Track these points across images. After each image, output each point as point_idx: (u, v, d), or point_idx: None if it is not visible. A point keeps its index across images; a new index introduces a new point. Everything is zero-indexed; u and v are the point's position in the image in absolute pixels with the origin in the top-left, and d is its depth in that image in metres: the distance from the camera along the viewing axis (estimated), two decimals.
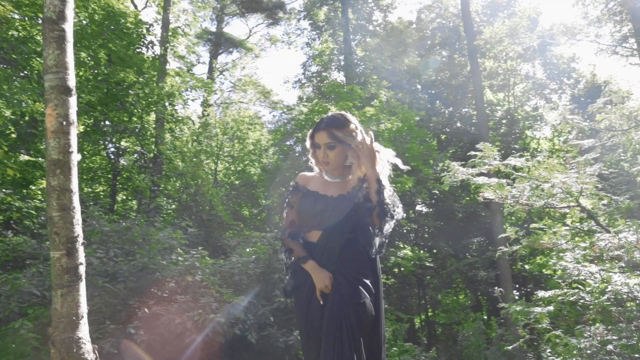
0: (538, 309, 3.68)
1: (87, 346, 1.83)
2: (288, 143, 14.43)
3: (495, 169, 3.84)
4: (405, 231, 15.21)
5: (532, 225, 5.27)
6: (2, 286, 5.95)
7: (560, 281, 3.79)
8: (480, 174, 3.90)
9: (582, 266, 3.37)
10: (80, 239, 1.83)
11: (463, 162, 5.05)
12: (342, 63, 16.68)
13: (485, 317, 14.58)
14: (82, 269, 1.85)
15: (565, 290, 3.55)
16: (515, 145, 16.49)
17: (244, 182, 15.19)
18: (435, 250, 14.75)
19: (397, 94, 15.46)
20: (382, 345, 2.38)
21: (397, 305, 13.66)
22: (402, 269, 13.09)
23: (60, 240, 1.78)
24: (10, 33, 9.31)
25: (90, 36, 11.01)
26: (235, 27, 75.22)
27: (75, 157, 1.84)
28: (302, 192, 2.48)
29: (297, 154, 14.33)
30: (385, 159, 2.44)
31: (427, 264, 11.58)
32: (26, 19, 10.13)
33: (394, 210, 2.39)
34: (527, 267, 13.02)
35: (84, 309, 1.87)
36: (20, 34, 9.93)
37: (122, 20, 11.82)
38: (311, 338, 2.29)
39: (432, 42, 20.07)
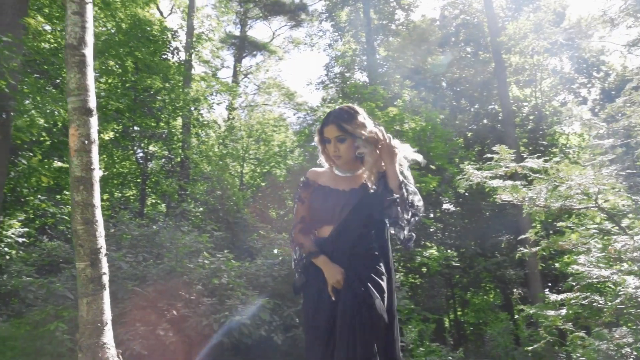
0: (551, 312, 3.66)
1: (112, 351, 1.94)
2: (313, 144, 14.46)
3: (512, 171, 3.82)
4: (431, 230, 15.12)
5: (560, 224, 5.20)
6: (39, 290, 6.21)
7: (574, 284, 3.75)
8: (497, 176, 3.88)
9: (597, 269, 3.33)
10: (104, 251, 1.94)
11: (486, 161, 4.99)
12: (365, 63, 16.69)
13: (517, 316, 14.37)
14: (105, 279, 1.97)
15: (578, 294, 3.51)
16: (543, 142, 16.21)
17: (269, 183, 15.33)
18: (462, 249, 14.63)
19: (421, 92, 15.37)
20: (395, 343, 2.32)
21: (424, 305, 13.61)
22: (429, 268, 13.03)
23: (85, 251, 1.90)
24: (42, 45, 9.64)
25: (117, 45, 11.30)
26: (259, 30, 75.82)
27: (97, 174, 1.95)
28: (312, 187, 2.43)
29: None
30: (403, 154, 2.38)
31: (454, 263, 11.48)
32: (57, 30, 10.49)
33: (417, 205, 2.33)
34: (557, 265, 12.80)
35: (108, 315, 1.99)
36: (52, 46, 10.28)
37: (148, 28, 12.10)
38: (317, 336, 2.24)
39: (457, 38, 19.89)
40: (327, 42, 19.56)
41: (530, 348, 4.22)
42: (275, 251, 7.99)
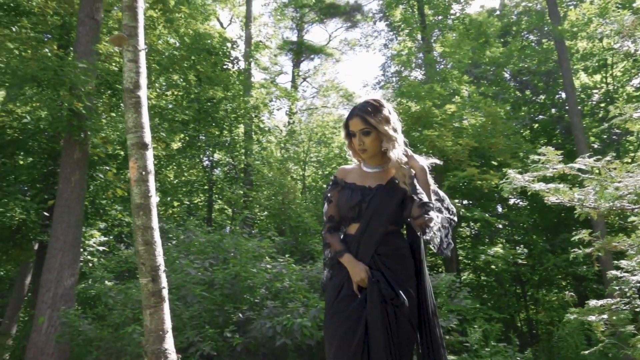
0: (592, 317, 3.57)
1: (172, 356, 2.18)
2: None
3: (560, 172, 3.75)
4: (498, 227, 14.72)
5: (631, 219, 5.00)
6: (118, 295, 6.74)
7: (617, 288, 3.63)
8: (544, 179, 3.82)
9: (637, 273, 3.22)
10: (162, 267, 2.18)
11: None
12: (421, 62, 16.53)
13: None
14: (165, 292, 2.21)
15: (618, 299, 3.39)
16: (617, 130, 15.34)
17: None
18: (531, 246, 14.16)
19: (480, 87, 15.03)
20: (439, 347, 2.23)
21: (493, 304, 13.30)
22: (495, 267, 12.74)
23: (146, 269, 2.15)
24: (112, 68, 10.34)
25: (180, 60, 11.90)
26: (315, 34, 76.90)
27: (154, 200, 2.20)
28: (340, 185, 2.38)
29: None
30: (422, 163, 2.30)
31: (520, 261, 11.16)
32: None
33: (451, 209, 2.30)
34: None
35: (168, 325, 2.23)
36: (122, 66, 11.02)
37: (209, 41, 12.64)
38: (335, 333, 2.14)
39: (518, 27, 19.25)
40: (382, 42, 19.57)
41: (587, 352, 4.11)
42: None
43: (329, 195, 2.41)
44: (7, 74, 7.83)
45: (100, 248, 9.03)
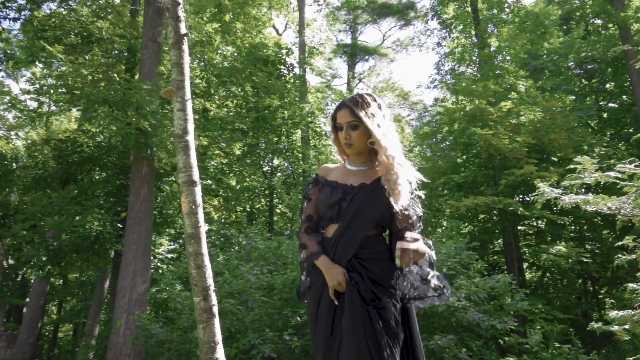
0: (615, 327, 3.52)
1: None
2: (434, 140, 14.65)
3: (596, 180, 3.72)
4: (562, 223, 14.22)
5: None
6: (185, 300, 7.23)
7: None
8: (582, 187, 3.81)
9: None
10: (212, 287, 2.49)
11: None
12: (475, 58, 16.26)
13: None
14: (215, 309, 2.52)
15: (639, 311, 3.34)
16: None
17: None
18: (600, 244, 13.58)
19: (540, 80, 14.58)
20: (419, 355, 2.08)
21: (560, 305, 12.90)
22: (560, 265, 12.35)
23: (198, 289, 2.47)
24: None
25: (237, 72, 12.40)
26: (369, 35, 76.43)
27: (204, 229, 2.52)
28: (321, 183, 2.21)
29: (438, 154, 14.46)
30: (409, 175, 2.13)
31: (585, 259, 10.77)
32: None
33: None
34: None
35: (219, 337, 2.54)
36: None
37: (264, 51, 13.08)
38: (322, 341, 2.01)
39: (582, 12, 18.48)
40: (435, 40, 19.38)
41: (632, 358, 4.05)
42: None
43: (309, 193, 2.25)
44: (82, 98, 8.58)
45: (169, 255, 9.67)
